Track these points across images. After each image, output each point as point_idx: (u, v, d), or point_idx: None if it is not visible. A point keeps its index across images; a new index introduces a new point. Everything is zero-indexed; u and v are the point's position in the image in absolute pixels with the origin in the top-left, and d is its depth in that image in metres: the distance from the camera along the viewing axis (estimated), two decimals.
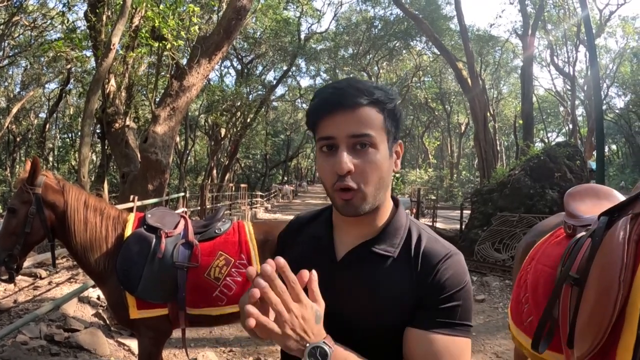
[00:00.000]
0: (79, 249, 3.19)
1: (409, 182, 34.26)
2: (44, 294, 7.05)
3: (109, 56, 9.25)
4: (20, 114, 32.34)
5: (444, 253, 1.20)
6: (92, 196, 3.37)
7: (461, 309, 1.16)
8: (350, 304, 1.21)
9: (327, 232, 1.33)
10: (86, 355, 5.04)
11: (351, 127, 1.14)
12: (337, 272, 1.25)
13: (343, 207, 1.19)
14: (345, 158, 1.13)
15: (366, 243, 1.25)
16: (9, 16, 22.50)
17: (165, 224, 3.29)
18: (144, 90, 15.05)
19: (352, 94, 1.15)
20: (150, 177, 10.45)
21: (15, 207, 3.03)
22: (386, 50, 34.23)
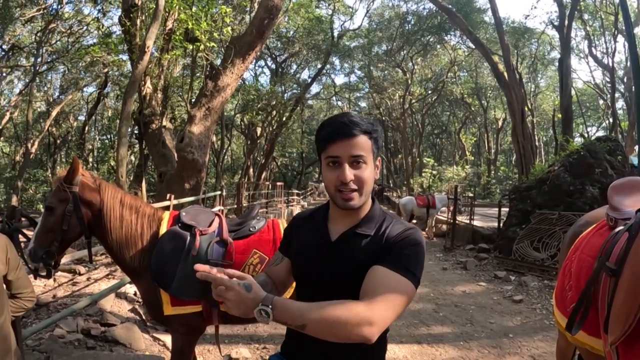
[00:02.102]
0: (114, 246, 3.24)
1: (446, 179, 33.72)
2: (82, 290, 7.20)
3: (144, 59, 9.40)
4: (60, 117, 33.23)
5: (402, 229, 1.71)
6: (127, 194, 3.41)
7: (408, 258, 1.61)
8: (341, 268, 1.70)
9: (324, 223, 1.85)
10: (121, 349, 5.12)
11: (350, 150, 1.65)
12: (333, 248, 1.76)
13: (344, 205, 1.69)
14: (348, 171, 1.65)
15: (352, 227, 1.76)
16: (45, 24, 23.11)
17: (200, 221, 3.31)
18: (180, 91, 15.28)
19: (351, 127, 1.66)
20: (187, 176, 10.58)
21: (53, 206, 3.06)
22: (420, 46, 33.72)
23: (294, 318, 1.43)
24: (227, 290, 1.43)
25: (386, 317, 1.48)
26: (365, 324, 1.42)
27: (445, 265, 10.92)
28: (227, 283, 1.42)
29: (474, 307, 7.52)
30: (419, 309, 7.37)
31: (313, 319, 1.42)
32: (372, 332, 1.43)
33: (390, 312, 1.50)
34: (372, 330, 1.43)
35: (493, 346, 5.72)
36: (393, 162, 50.17)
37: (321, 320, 1.42)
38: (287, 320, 1.44)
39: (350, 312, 1.43)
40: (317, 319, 1.42)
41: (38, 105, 33.92)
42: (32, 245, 3.03)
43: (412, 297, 1.59)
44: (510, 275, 9.41)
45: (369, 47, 35.09)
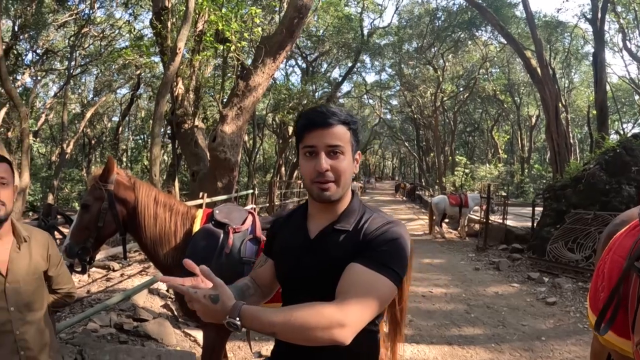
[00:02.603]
0: (148, 243, 3.30)
1: (479, 178, 33.23)
2: (115, 285, 7.35)
3: (175, 60, 9.51)
4: (94, 118, 33.98)
5: (381, 223, 1.65)
6: (161, 193, 3.47)
7: (386, 254, 1.55)
8: (319, 268, 1.65)
9: (303, 221, 1.81)
10: (153, 344, 5.21)
11: (327, 139, 1.61)
12: (312, 246, 1.71)
13: (319, 195, 1.64)
14: (324, 161, 1.60)
15: (331, 224, 1.71)
16: (78, 28, 23.71)
17: (233, 219, 3.33)
18: (211, 91, 15.38)
19: (328, 116, 1.63)
20: (219, 175, 10.71)
21: (89, 203, 3.14)
22: (451, 42, 33.32)
23: (263, 326, 1.39)
24: (194, 301, 1.40)
25: (360, 318, 1.45)
26: (335, 327, 1.39)
27: (477, 266, 10.77)
28: (192, 296, 1.40)
29: (506, 308, 7.39)
30: (451, 310, 7.30)
31: (282, 325, 1.38)
32: (344, 334, 1.40)
33: (364, 312, 1.46)
34: (344, 333, 1.40)
35: (525, 349, 5.62)
36: (425, 161, 49.81)
37: (290, 326, 1.38)
38: (257, 329, 1.41)
39: (320, 315, 1.40)
40: (285, 325, 1.38)
41: (73, 107, 34.76)
42: (68, 241, 3.11)
43: (392, 295, 1.55)
44: (543, 277, 9.19)
45: (399, 44, 34.88)
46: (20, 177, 10.75)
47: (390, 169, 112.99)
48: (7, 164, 2.21)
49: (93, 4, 23.05)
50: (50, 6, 22.38)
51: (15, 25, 21.82)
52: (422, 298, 8.01)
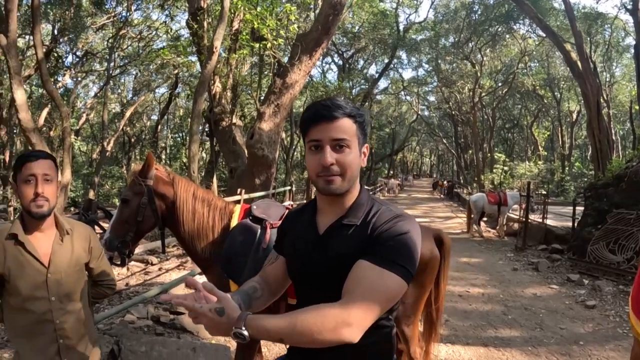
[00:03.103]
0: (186, 238, 3.35)
1: (518, 176, 32.61)
2: (153, 279, 7.52)
3: (212, 59, 9.63)
4: (134, 117, 34.78)
5: (389, 217, 1.62)
6: (200, 188, 3.50)
7: (394, 250, 1.53)
8: (329, 265, 1.64)
9: (313, 217, 1.80)
10: (188, 337, 5.33)
11: (332, 133, 1.60)
12: (321, 242, 1.71)
13: (325, 188, 1.63)
14: (329, 155, 1.59)
15: (339, 219, 1.70)
16: (116, 30, 24.33)
17: (271, 215, 3.33)
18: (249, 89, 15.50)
19: (333, 109, 1.60)
20: (257, 171, 10.82)
21: (129, 198, 3.20)
22: (488, 36, 32.58)
23: (269, 334, 1.40)
24: (200, 316, 1.40)
25: (366, 316, 1.45)
26: (342, 326, 1.40)
27: (516, 266, 10.55)
28: (199, 310, 1.39)
29: (544, 311, 7.20)
30: (488, 311, 7.18)
31: (288, 331, 1.39)
32: (351, 334, 1.42)
33: (370, 310, 1.46)
34: (351, 332, 1.41)
35: (562, 353, 5.47)
36: (463, 158, 49.16)
37: (297, 332, 1.39)
38: (265, 337, 1.42)
39: (325, 317, 1.41)
40: (292, 331, 1.39)
41: (113, 106, 35.67)
42: (108, 235, 3.18)
43: (401, 291, 1.54)
44: (583, 279, 8.92)
45: (436, 39, 34.35)
46: (62, 174, 11.06)
47: (428, 166, 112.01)
48: (51, 160, 2.28)
49: (130, 6, 23.63)
50: (88, 10, 23.11)
51: (54, 29, 22.61)
52: (459, 298, 7.91)
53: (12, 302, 2.25)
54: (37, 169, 2.20)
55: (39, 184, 2.19)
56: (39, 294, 2.24)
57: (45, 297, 2.25)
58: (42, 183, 2.20)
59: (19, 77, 9.83)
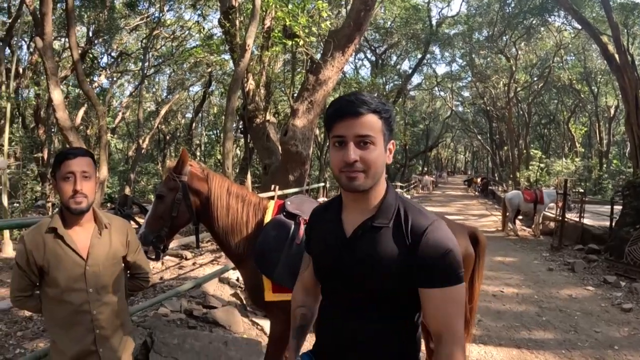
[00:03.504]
0: (220, 233, 3.39)
1: (554, 173, 31.89)
2: (187, 273, 7.65)
3: (245, 57, 9.70)
4: (169, 115, 35.28)
5: (426, 224, 1.60)
6: (234, 184, 3.54)
7: (451, 265, 1.56)
8: (359, 267, 1.63)
9: (338, 216, 1.76)
10: (221, 330, 5.37)
11: (356, 129, 1.57)
12: (349, 244, 1.67)
13: (347, 185, 1.60)
14: (352, 151, 1.56)
15: (367, 220, 1.66)
16: (150, 31, 24.77)
17: (305, 210, 3.32)
18: (282, 86, 15.55)
19: (357, 105, 1.57)
20: (291, 168, 10.87)
21: (163, 194, 3.27)
22: (523, 29, 31.64)
23: None
24: None
25: (462, 329, 1.59)
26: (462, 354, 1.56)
27: (551, 266, 10.29)
28: None
29: (579, 313, 7.03)
30: (522, 311, 7.06)
31: None
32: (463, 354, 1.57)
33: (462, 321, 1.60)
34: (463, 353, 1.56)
35: (596, 358, 5.33)
36: (498, 155, 48.43)
37: None
38: None
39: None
40: None
41: (148, 105, 36.29)
42: (143, 230, 3.23)
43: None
44: (620, 281, 8.63)
45: (469, 33, 33.78)
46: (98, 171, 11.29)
47: (463, 163, 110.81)
48: (89, 157, 2.34)
49: (162, 7, 24.09)
50: (122, 11, 23.67)
51: (89, 31, 23.20)
52: (493, 298, 7.79)
53: (51, 294, 2.31)
54: (76, 166, 2.25)
55: (78, 181, 2.25)
56: (77, 286, 2.31)
57: (83, 289, 2.32)
58: (80, 180, 2.26)
59: (55, 77, 10.08)
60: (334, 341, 1.73)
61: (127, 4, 23.27)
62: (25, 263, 2.29)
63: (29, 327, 6.12)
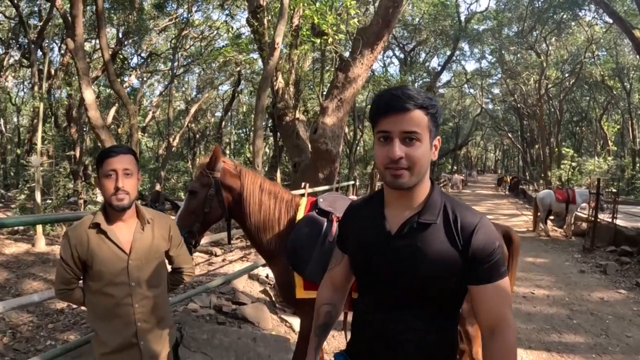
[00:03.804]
0: (252, 229, 3.40)
1: (586, 172, 31.20)
2: (217, 270, 7.78)
3: (274, 55, 9.75)
4: (198, 114, 35.73)
5: (476, 222, 1.60)
6: (267, 180, 3.54)
7: (500, 259, 1.59)
8: (404, 264, 1.60)
9: (380, 211, 1.72)
10: (249, 327, 5.43)
11: (402, 125, 1.54)
12: (393, 242, 1.63)
13: (392, 182, 1.58)
14: (398, 148, 1.53)
15: (413, 216, 1.63)
16: (178, 31, 25.20)
17: (337, 208, 3.31)
18: (311, 84, 15.56)
19: (404, 100, 1.53)
20: (321, 166, 10.92)
21: (196, 190, 3.29)
22: (553, 24, 30.85)
23: None
24: None
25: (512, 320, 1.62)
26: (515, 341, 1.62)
27: (583, 268, 10.08)
28: None
29: (611, 316, 6.86)
30: (552, 314, 6.93)
31: None
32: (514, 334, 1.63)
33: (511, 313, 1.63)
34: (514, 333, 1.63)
35: None
36: (529, 153, 47.68)
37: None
38: None
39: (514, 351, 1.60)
40: None
41: (177, 104, 36.80)
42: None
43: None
44: None
45: (499, 29, 33.13)
46: None
47: (493, 162, 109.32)
48: (131, 155, 2.39)
49: (190, 7, 24.36)
50: (151, 13, 24.08)
51: (119, 32, 23.70)
52: (523, 299, 7.68)
53: (94, 287, 2.38)
54: (118, 164, 2.30)
55: (120, 179, 2.29)
56: (120, 280, 2.37)
57: (126, 283, 2.38)
58: (122, 177, 2.30)
59: (87, 78, 10.25)
60: (371, 340, 1.70)
61: (155, 5, 23.73)
62: (69, 257, 2.34)
63: (60, 319, 6.27)
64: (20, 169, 23.09)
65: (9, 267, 9.34)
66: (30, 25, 22.28)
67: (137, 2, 21.37)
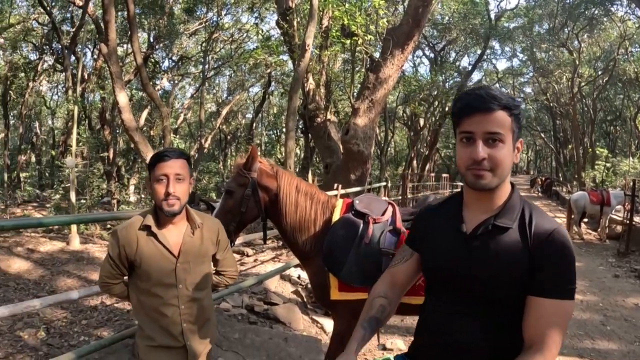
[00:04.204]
0: (288, 230, 3.41)
1: (621, 173, 30.44)
2: (248, 270, 7.88)
3: (305, 57, 9.82)
4: (229, 115, 36.10)
5: (551, 229, 1.55)
6: (303, 181, 3.56)
7: (567, 276, 1.52)
8: (475, 266, 1.58)
9: (457, 211, 1.72)
10: (281, 327, 5.46)
11: (486, 126, 1.53)
12: (467, 242, 1.63)
13: (474, 183, 1.57)
14: (481, 149, 1.52)
15: (490, 218, 1.61)
16: (208, 35, 25.63)
17: (373, 210, 3.30)
18: (341, 85, 15.57)
19: (488, 101, 1.53)
20: (352, 167, 10.91)
21: (233, 189, 3.31)
22: (585, 21, 30.19)
23: None
24: None
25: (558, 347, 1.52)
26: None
27: (617, 272, 9.83)
28: None
29: None
30: (585, 320, 6.78)
31: None
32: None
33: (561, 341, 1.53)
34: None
35: None
36: (563, 153, 46.82)
37: None
38: None
39: None
40: None
41: (208, 106, 37.22)
42: None
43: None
44: None
45: (530, 26, 32.55)
46: None
47: (525, 163, 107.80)
48: (184, 159, 2.38)
49: (220, 11, 24.72)
50: (181, 17, 24.46)
51: (150, 36, 24.16)
52: None
53: (142, 286, 2.41)
54: (169, 168, 2.29)
55: (171, 184, 2.28)
56: (168, 281, 2.39)
57: (173, 285, 2.40)
58: (173, 182, 2.29)
59: (120, 81, 10.44)
60: (435, 343, 1.69)
61: (185, 9, 24.09)
62: (117, 256, 2.37)
63: (93, 316, 6.43)
64: (55, 169, 23.65)
65: (44, 265, 9.63)
66: (63, 31, 22.96)
67: (167, 6, 21.80)
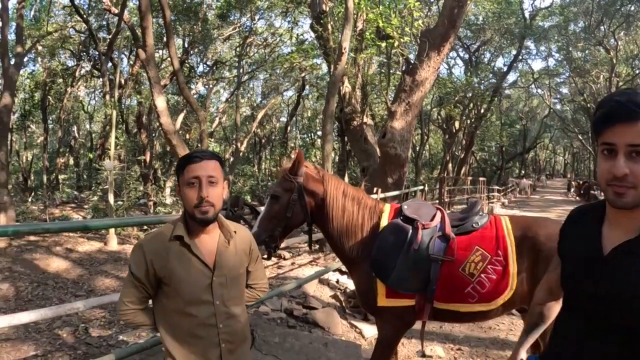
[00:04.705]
0: (334, 235, 3.37)
1: None
2: (286, 273, 7.87)
3: (341, 60, 9.84)
4: (264, 119, 36.40)
5: None
6: (350, 186, 3.52)
7: None
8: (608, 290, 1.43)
9: (598, 227, 1.55)
10: (319, 331, 5.41)
11: (629, 138, 1.35)
12: (604, 264, 1.47)
13: (614, 201, 1.41)
14: (622, 163, 1.35)
15: (628, 242, 1.43)
16: (242, 39, 25.95)
17: (422, 215, 3.27)
18: (377, 88, 15.53)
19: (632, 109, 1.34)
20: (390, 170, 10.87)
21: (279, 194, 3.28)
22: (621, 18, 29.58)
23: None
24: None
25: None
26: None
27: None
28: None
29: None
30: None
31: None
32: None
33: None
34: None
35: None
36: None
37: None
38: None
39: None
40: None
41: (243, 110, 37.51)
42: (256, 229, 3.24)
43: None
44: None
45: (565, 25, 31.82)
46: None
47: (562, 165, 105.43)
48: (216, 161, 2.13)
49: (253, 16, 25.04)
50: (215, 22, 24.84)
51: (185, 42, 24.55)
52: None
53: (172, 306, 2.14)
54: (201, 170, 2.04)
55: (203, 187, 2.04)
56: (204, 298, 2.13)
57: (210, 301, 2.14)
58: (206, 186, 2.04)
59: (158, 86, 10.62)
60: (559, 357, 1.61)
61: (219, 15, 24.43)
62: (143, 274, 2.10)
63: None
64: (92, 172, 24.10)
65: (82, 265, 9.85)
66: (99, 38, 23.62)
67: (201, 12, 22.19)
